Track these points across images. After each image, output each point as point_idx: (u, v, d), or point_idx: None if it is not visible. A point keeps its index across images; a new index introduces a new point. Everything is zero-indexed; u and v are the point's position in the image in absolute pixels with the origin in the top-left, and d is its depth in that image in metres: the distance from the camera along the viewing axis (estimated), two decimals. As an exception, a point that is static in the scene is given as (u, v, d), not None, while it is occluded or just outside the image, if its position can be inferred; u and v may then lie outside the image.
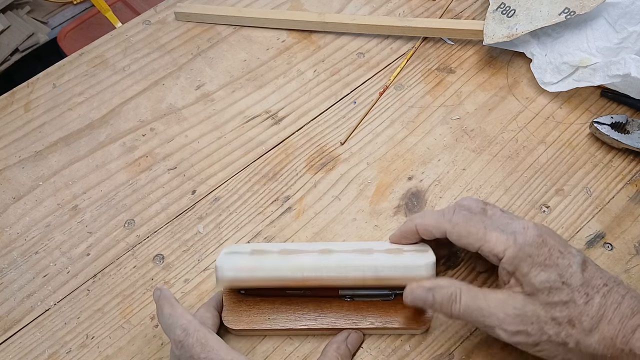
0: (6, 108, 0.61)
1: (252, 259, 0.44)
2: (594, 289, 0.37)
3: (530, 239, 0.39)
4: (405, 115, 0.58)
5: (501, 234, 0.40)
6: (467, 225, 0.41)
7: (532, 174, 0.53)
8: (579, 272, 0.38)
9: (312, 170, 0.55)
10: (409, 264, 0.43)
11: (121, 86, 0.62)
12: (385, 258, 0.43)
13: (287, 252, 0.44)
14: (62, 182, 0.56)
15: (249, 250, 0.45)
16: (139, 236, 0.52)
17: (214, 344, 0.40)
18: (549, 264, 0.38)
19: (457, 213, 0.42)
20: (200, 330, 0.40)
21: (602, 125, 0.53)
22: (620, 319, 0.37)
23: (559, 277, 0.38)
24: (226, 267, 0.43)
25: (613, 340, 0.36)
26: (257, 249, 0.45)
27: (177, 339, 0.40)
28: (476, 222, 0.41)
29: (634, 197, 0.51)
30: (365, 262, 0.43)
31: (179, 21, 0.67)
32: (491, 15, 0.60)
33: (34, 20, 1.29)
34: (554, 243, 0.39)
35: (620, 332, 0.36)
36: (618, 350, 0.36)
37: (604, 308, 0.37)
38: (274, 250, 0.45)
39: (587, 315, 0.37)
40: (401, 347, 0.45)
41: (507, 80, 0.60)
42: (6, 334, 0.48)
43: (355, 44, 0.64)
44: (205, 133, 0.58)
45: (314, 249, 0.45)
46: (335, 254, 0.44)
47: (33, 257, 0.51)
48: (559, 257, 0.38)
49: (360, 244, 0.46)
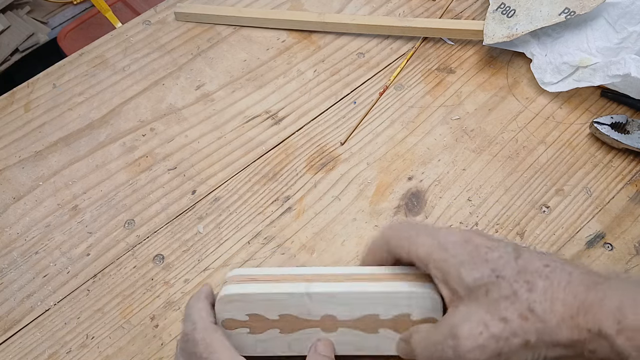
0: (6, 108, 0.61)
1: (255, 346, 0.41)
2: (535, 274, 0.35)
3: (452, 238, 0.37)
4: (405, 115, 0.58)
5: (428, 237, 0.38)
6: (400, 229, 0.40)
7: (532, 174, 0.53)
8: (512, 261, 0.35)
9: (312, 170, 0.55)
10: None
11: (121, 86, 0.62)
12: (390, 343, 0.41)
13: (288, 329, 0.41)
14: (62, 182, 0.56)
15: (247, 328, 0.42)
16: (139, 236, 0.52)
17: (218, 346, 0.39)
18: (478, 261, 0.35)
19: (394, 223, 0.42)
20: (207, 329, 0.39)
21: (602, 126, 0.53)
22: (575, 296, 0.33)
23: (492, 272, 0.35)
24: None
25: (574, 319, 0.33)
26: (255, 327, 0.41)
27: (185, 331, 0.40)
28: (408, 228, 0.39)
29: (634, 197, 0.51)
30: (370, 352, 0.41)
31: (179, 21, 0.67)
32: (491, 15, 0.60)
33: (34, 20, 1.29)
34: (481, 241, 0.37)
35: (580, 311, 0.33)
36: (584, 331, 0.33)
37: (551, 289, 0.34)
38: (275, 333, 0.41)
39: (535, 302, 0.33)
40: (401, 347, 0.45)
41: (507, 80, 0.60)
42: (6, 334, 0.48)
43: (355, 44, 0.64)
44: (205, 133, 0.58)
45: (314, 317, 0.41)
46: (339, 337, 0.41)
47: (33, 257, 0.51)
48: (487, 252, 0.36)
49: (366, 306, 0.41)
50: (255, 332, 0.42)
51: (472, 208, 0.52)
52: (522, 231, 0.50)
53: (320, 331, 0.41)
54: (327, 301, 0.41)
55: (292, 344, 0.42)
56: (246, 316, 0.41)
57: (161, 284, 0.49)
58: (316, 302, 0.41)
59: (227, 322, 0.42)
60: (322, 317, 0.41)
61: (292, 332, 0.42)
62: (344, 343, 0.41)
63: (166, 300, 0.49)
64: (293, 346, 0.42)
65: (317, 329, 0.41)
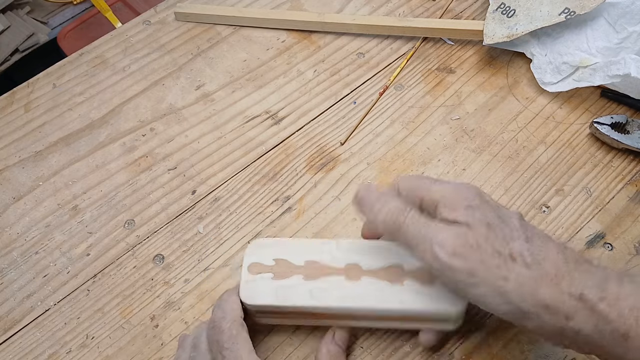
0: (6, 108, 0.61)
1: (276, 293, 0.42)
2: (534, 233, 0.36)
3: (466, 186, 0.38)
4: (405, 116, 0.58)
5: (442, 184, 0.39)
6: (417, 179, 0.40)
7: (532, 174, 0.53)
8: (517, 217, 0.37)
9: (312, 171, 0.55)
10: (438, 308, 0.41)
11: (121, 86, 0.62)
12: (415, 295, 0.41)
13: (312, 276, 0.42)
14: (62, 182, 0.56)
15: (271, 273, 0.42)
16: (139, 236, 0.52)
17: (241, 341, 0.39)
18: (486, 208, 0.37)
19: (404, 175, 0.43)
20: (236, 321, 0.40)
21: (602, 125, 0.53)
22: (565, 263, 0.34)
23: (497, 217, 0.36)
24: (247, 296, 0.42)
25: (558, 282, 0.34)
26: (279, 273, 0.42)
27: (214, 318, 0.41)
28: (425, 178, 0.41)
29: (634, 197, 0.51)
30: (393, 304, 0.41)
31: (179, 21, 0.67)
32: (491, 15, 0.60)
33: (34, 20, 1.30)
34: (490, 199, 0.38)
35: (565, 278, 0.34)
36: (565, 295, 0.33)
37: (545, 249, 0.35)
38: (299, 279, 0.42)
39: (528, 251, 0.35)
40: (401, 348, 0.45)
41: (507, 80, 0.60)
42: (6, 334, 0.48)
43: (355, 44, 0.64)
44: (205, 133, 0.58)
45: (339, 264, 0.42)
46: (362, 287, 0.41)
47: (33, 257, 0.51)
48: (498, 206, 0.38)
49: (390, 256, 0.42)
50: (279, 277, 0.42)
51: (472, 208, 0.52)
52: (522, 231, 0.50)
53: (344, 280, 0.42)
54: (352, 250, 0.43)
55: (313, 292, 0.41)
56: (273, 261, 0.43)
57: (161, 284, 0.49)
58: (342, 250, 0.43)
59: (252, 267, 0.43)
60: (347, 266, 0.42)
61: (316, 279, 0.42)
62: (367, 294, 0.41)
63: (166, 300, 0.49)
64: (315, 294, 0.41)
65: (341, 277, 0.42)
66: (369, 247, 0.43)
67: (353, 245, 0.43)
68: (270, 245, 0.44)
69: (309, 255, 0.43)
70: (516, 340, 0.45)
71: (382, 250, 0.43)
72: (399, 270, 0.42)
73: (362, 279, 0.42)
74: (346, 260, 0.42)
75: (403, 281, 0.41)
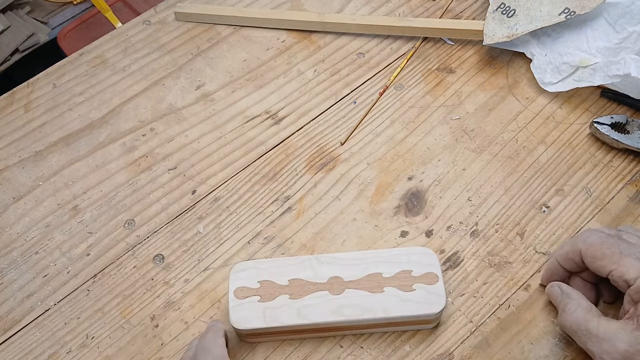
0: (6, 108, 0.61)
1: (264, 315, 0.43)
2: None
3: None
4: (405, 115, 0.58)
5: (636, 261, 0.38)
6: (602, 247, 0.40)
7: (532, 174, 0.53)
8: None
9: (312, 170, 0.55)
10: (420, 312, 0.43)
11: (121, 86, 0.62)
12: (396, 302, 0.43)
13: (297, 294, 0.44)
14: (62, 182, 0.56)
15: (257, 295, 0.44)
16: (139, 236, 0.52)
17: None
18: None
19: (593, 234, 0.41)
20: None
21: (602, 125, 0.53)
22: None
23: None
24: (236, 320, 0.43)
25: None
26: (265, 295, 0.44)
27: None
28: (611, 245, 0.40)
29: (634, 197, 0.51)
30: (377, 313, 0.43)
31: (179, 21, 0.67)
32: (491, 15, 0.60)
33: (34, 20, 1.29)
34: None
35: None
36: None
37: None
38: (285, 300, 0.44)
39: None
40: (401, 347, 0.45)
41: (507, 80, 0.60)
42: (6, 334, 0.48)
43: (355, 44, 0.64)
44: (205, 133, 0.58)
45: (321, 279, 0.44)
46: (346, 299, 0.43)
47: (33, 257, 0.51)
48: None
49: (369, 266, 0.45)
50: (265, 299, 0.44)
51: (472, 208, 0.52)
52: (522, 231, 0.50)
53: (328, 294, 0.44)
54: (332, 263, 0.45)
55: (301, 311, 0.43)
56: (257, 283, 0.44)
57: (161, 284, 0.49)
58: (323, 264, 0.45)
59: (238, 291, 0.44)
60: (329, 280, 0.44)
61: (302, 297, 0.44)
62: (352, 305, 0.43)
63: (166, 300, 0.49)
64: (302, 312, 0.43)
65: (325, 292, 0.44)
66: (348, 259, 0.45)
67: (333, 259, 0.45)
68: (252, 268, 0.45)
69: (292, 274, 0.45)
70: (516, 340, 0.45)
71: (360, 260, 0.45)
72: (379, 277, 0.44)
73: (345, 291, 0.44)
74: (328, 274, 0.45)
75: (383, 288, 0.44)
